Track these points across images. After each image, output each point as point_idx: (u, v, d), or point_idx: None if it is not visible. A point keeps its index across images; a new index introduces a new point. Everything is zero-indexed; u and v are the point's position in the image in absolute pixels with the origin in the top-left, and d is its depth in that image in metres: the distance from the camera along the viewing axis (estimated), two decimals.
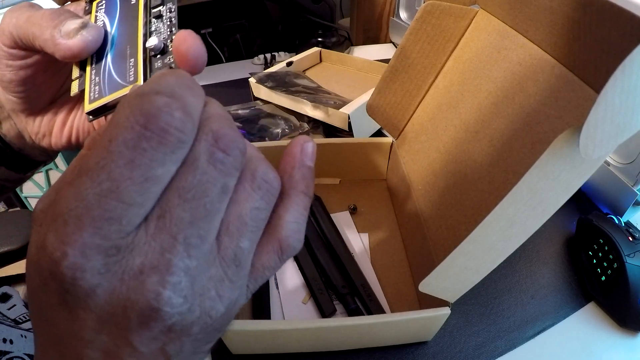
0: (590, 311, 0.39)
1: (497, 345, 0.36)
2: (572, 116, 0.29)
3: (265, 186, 0.16)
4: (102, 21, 0.23)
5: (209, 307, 0.14)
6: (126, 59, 0.22)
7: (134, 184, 0.13)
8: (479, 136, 0.36)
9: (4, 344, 0.41)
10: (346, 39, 0.92)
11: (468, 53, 0.41)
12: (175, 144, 0.13)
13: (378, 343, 0.36)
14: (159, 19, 0.22)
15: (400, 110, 0.47)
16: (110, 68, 0.22)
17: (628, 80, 0.19)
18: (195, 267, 0.14)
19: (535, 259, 0.44)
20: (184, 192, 0.14)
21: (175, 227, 0.13)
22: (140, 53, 0.22)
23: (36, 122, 0.30)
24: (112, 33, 0.23)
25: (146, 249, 0.13)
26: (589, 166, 0.23)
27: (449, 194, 0.38)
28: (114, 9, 0.23)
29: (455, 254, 0.26)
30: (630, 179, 0.45)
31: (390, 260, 0.44)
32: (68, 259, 0.12)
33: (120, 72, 0.22)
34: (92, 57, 0.23)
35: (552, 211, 0.24)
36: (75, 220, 0.12)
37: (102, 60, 0.22)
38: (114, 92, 0.22)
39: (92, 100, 0.22)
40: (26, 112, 0.29)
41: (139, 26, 0.22)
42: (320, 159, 0.52)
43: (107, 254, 0.13)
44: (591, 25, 0.26)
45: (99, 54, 0.23)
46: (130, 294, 0.13)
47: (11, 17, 0.23)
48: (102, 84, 0.22)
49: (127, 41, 0.22)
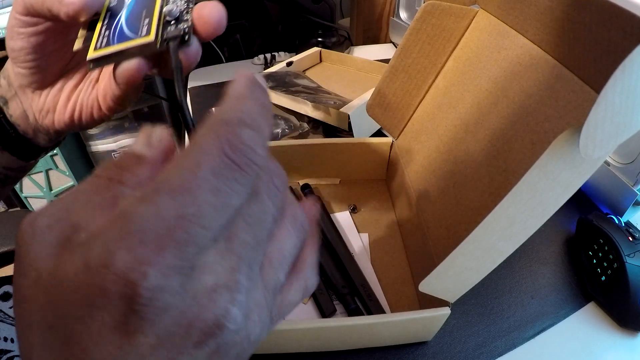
0: (590, 311, 0.39)
1: (497, 345, 0.36)
2: (572, 116, 0.29)
3: (303, 228, 0.18)
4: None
5: (250, 329, 0.15)
6: (141, 19, 0.23)
7: (215, 210, 0.13)
8: (479, 136, 0.36)
9: (4, 342, 0.41)
10: (346, 39, 0.92)
11: (468, 53, 0.41)
12: (253, 177, 0.14)
13: (378, 343, 0.36)
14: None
15: (400, 110, 0.47)
16: (123, 25, 0.23)
17: (628, 80, 0.19)
18: (250, 289, 0.15)
19: (535, 259, 0.44)
20: (250, 218, 0.15)
21: (242, 250, 0.14)
22: (156, 16, 0.23)
23: (42, 98, 0.30)
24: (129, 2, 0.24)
25: (217, 268, 0.14)
26: (589, 166, 0.23)
27: (449, 194, 0.38)
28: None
29: (455, 254, 0.26)
30: (630, 179, 0.45)
31: (390, 260, 0.44)
32: (149, 280, 0.12)
33: (132, 28, 0.23)
34: (104, 19, 0.24)
35: (552, 211, 0.24)
36: (156, 240, 0.12)
37: (114, 20, 0.24)
38: (121, 42, 0.23)
39: (97, 48, 0.23)
40: (33, 86, 0.30)
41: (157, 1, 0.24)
42: (320, 159, 0.52)
43: (184, 274, 0.13)
44: (591, 25, 0.26)
45: (112, 16, 0.24)
46: (201, 311, 0.13)
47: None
48: (111, 36, 0.23)
49: (144, 7, 0.24)
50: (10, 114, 0.31)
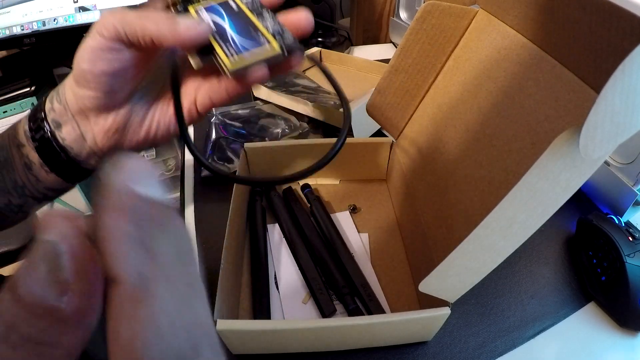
0: (590, 311, 0.39)
1: (497, 345, 0.36)
2: (572, 116, 0.29)
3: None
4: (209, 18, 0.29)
5: None
6: (252, 34, 0.28)
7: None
8: (479, 136, 0.36)
9: None
10: (346, 39, 0.92)
11: (468, 53, 0.41)
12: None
13: (378, 343, 0.36)
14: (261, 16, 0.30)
15: (400, 110, 0.47)
16: (241, 41, 0.28)
17: (628, 80, 0.19)
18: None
19: (535, 259, 0.44)
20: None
21: None
22: (264, 30, 0.28)
23: (108, 119, 0.30)
24: (227, 25, 0.29)
25: None
26: (589, 166, 0.23)
27: (449, 194, 0.38)
28: (218, 12, 0.30)
29: (455, 254, 0.26)
30: (630, 179, 0.45)
31: (390, 260, 0.44)
32: None
33: (252, 42, 0.28)
34: (217, 41, 0.28)
35: (552, 211, 0.24)
36: None
37: (227, 41, 0.28)
38: (253, 55, 0.27)
39: (233, 63, 0.27)
40: (101, 109, 0.30)
41: (253, 19, 0.29)
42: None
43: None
44: (591, 25, 0.26)
45: (222, 38, 0.28)
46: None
47: (115, 14, 0.26)
48: (238, 52, 0.27)
49: (248, 26, 0.29)
50: (63, 138, 0.31)
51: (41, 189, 0.33)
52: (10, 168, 0.32)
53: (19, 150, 0.31)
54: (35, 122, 0.31)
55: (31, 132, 0.31)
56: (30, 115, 0.31)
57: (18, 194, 0.33)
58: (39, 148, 0.31)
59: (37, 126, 0.31)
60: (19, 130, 0.32)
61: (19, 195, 0.33)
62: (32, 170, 0.32)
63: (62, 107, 0.30)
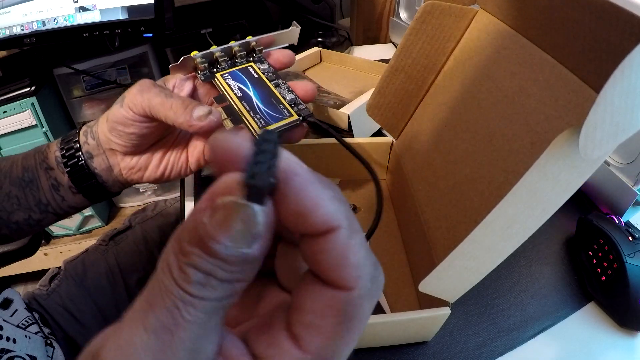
0: (590, 311, 0.39)
1: (497, 345, 0.36)
2: (572, 116, 0.29)
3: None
4: (236, 86, 0.36)
5: None
6: (274, 104, 0.35)
7: None
8: (479, 136, 0.36)
9: (7, 342, 0.41)
10: (346, 39, 0.92)
11: (468, 53, 0.41)
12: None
13: (378, 343, 0.36)
14: (278, 86, 0.37)
15: (400, 110, 0.47)
16: (266, 110, 0.34)
17: (628, 80, 0.19)
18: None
19: (535, 259, 0.44)
20: None
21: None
22: (284, 102, 0.36)
23: (133, 160, 0.37)
24: (252, 93, 0.35)
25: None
26: (589, 166, 0.23)
27: (449, 194, 0.38)
28: (241, 79, 0.36)
29: (455, 254, 0.26)
30: (630, 179, 0.45)
31: (390, 260, 0.44)
32: None
33: (276, 112, 0.35)
34: (244, 106, 0.34)
35: (552, 211, 0.24)
36: None
37: (253, 106, 0.34)
38: (277, 122, 0.34)
39: (261, 127, 0.33)
40: (127, 153, 0.36)
41: (272, 89, 0.36)
42: (320, 159, 0.52)
43: None
44: (591, 25, 0.26)
45: (247, 102, 0.35)
46: None
47: (143, 97, 0.32)
48: (265, 119, 0.34)
49: (269, 96, 0.36)
50: (95, 167, 0.37)
51: (65, 207, 0.38)
52: (35, 187, 0.37)
53: (46, 173, 0.37)
54: (68, 150, 0.36)
55: (64, 159, 0.36)
56: (62, 145, 0.37)
57: (40, 210, 0.38)
58: (70, 172, 0.36)
59: (71, 154, 0.36)
60: (49, 155, 0.37)
61: (41, 212, 0.38)
62: (59, 191, 0.37)
63: (96, 143, 0.36)
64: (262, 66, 0.38)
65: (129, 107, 0.33)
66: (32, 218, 0.38)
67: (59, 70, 0.93)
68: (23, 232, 0.39)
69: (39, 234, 0.70)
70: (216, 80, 0.36)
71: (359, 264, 0.14)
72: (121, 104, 0.33)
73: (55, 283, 0.58)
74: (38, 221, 0.38)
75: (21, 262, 0.68)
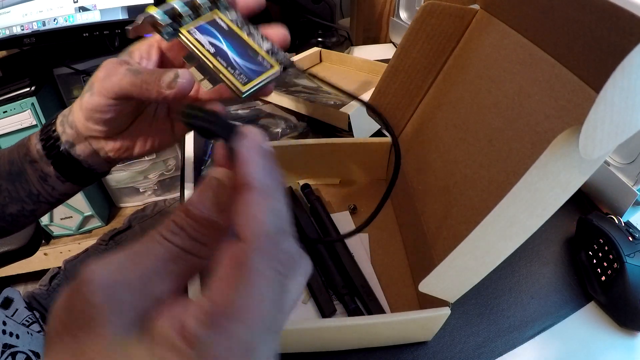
0: (590, 311, 0.39)
1: (497, 345, 0.36)
2: (572, 116, 0.29)
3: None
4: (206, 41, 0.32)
5: None
6: (252, 57, 0.32)
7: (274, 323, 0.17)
8: (479, 136, 0.36)
9: (10, 337, 0.41)
10: (346, 39, 0.92)
11: (468, 53, 0.41)
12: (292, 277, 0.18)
13: (378, 343, 0.36)
14: (251, 35, 0.33)
15: (400, 110, 0.47)
16: (245, 64, 0.31)
17: (628, 80, 0.19)
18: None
19: (535, 259, 0.44)
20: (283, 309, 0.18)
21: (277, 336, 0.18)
22: (263, 52, 0.32)
23: (117, 142, 0.35)
24: (225, 46, 0.32)
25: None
26: (589, 166, 0.23)
27: (449, 194, 0.37)
28: (211, 33, 0.32)
29: (455, 254, 0.26)
30: (630, 179, 0.45)
31: (390, 260, 0.44)
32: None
33: (255, 64, 0.31)
34: (220, 62, 0.31)
35: (552, 211, 0.24)
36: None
37: (230, 62, 0.31)
38: (259, 76, 0.31)
39: (244, 83, 0.30)
40: (108, 137, 0.35)
41: (246, 39, 0.32)
42: (320, 159, 0.52)
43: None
44: (591, 25, 0.26)
45: (224, 58, 0.31)
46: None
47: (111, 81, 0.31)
48: (245, 74, 0.30)
49: (245, 48, 0.32)
50: (78, 155, 0.35)
51: (56, 195, 0.37)
52: (24, 180, 0.36)
53: (32, 165, 0.36)
54: (48, 141, 0.35)
55: (45, 151, 0.35)
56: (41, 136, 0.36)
57: (32, 201, 0.37)
58: (55, 163, 0.35)
59: (51, 145, 0.35)
60: (31, 148, 0.36)
61: (33, 203, 0.37)
62: (48, 182, 0.36)
63: (74, 132, 0.35)
64: (230, 15, 0.34)
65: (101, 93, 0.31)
66: (25, 209, 0.37)
67: (59, 70, 0.93)
68: (20, 224, 0.39)
69: (39, 234, 0.70)
70: (182, 36, 0.32)
71: (260, 221, 0.16)
72: (91, 92, 0.32)
73: (55, 283, 0.58)
74: (32, 211, 0.38)
75: (21, 262, 0.68)
